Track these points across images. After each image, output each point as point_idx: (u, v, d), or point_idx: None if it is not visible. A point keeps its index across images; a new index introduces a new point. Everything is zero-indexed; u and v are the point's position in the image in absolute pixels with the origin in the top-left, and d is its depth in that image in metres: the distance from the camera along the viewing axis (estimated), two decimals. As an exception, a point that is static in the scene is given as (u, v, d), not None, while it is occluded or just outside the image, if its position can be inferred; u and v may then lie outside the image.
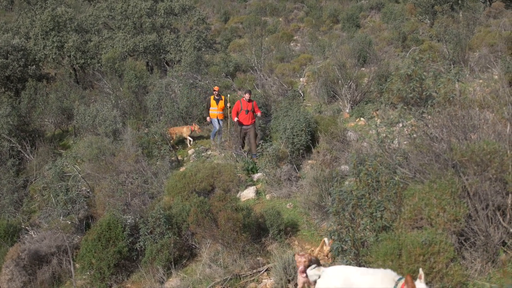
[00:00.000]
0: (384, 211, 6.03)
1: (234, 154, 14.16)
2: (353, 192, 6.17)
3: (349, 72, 17.17)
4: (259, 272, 8.60)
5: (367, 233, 6.12)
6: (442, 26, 24.39)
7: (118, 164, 13.47)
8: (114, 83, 21.55)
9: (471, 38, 20.68)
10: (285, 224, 9.71)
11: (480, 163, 5.87)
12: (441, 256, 5.33)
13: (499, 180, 5.88)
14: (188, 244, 9.73)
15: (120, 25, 27.13)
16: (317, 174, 10.83)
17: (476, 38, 20.65)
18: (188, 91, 18.06)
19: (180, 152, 16.14)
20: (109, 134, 16.64)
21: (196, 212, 8.98)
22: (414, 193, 6.07)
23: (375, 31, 30.52)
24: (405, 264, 5.43)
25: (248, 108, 14.20)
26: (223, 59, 24.26)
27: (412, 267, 5.43)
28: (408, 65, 7.10)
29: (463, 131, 6.82)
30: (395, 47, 24.67)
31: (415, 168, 6.92)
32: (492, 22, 26.09)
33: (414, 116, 6.94)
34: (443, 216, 5.60)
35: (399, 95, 7.01)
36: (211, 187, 11.86)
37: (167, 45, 26.67)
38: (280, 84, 19.45)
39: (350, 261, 6.04)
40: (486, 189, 5.80)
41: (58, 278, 10.11)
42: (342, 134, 13.34)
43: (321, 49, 25.02)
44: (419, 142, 6.99)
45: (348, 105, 16.50)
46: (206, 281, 8.47)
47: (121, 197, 11.40)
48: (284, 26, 39.12)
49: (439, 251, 5.32)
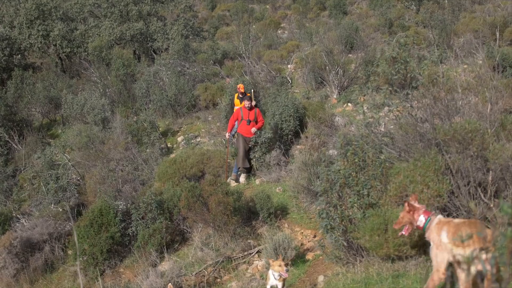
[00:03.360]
0: (370, 189, 6.22)
1: (223, 140, 14.27)
2: (340, 171, 6.35)
3: (337, 59, 17.34)
4: (250, 254, 8.79)
5: (354, 210, 6.30)
6: (428, 12, 24.62)
7: (108, 152, 13.57)
8: (101, 71, 21.54)
9: (456, 24, 20.89)
10: (275, 208, 9.88)
11: (462, 142, 6.06)
12: (425, 230, 5.52)
13: (480, 157, 6.07)
14: (179, 228, 9.89)
15: (106, 13, 27.02)
16: (305, 158, 11.01)
17: (461, 24, 20.84)
18: (177, 79, 18.14)
19: (170, 140, 16.24)
20: (98, 122, 16.70)
21: (187, 197, 9.12)
22: (399, 171, 6.26)
23: (362, 17, 30.66)
24: (391, 238, 5.64)
25: (250, 117, 11.99)
26: (211, 47, 24.32)
27: (398, 241, 5.63)
28: (393, 48, 7.25)
29: (447, 113, 7.01)
30: (381, 33, 24.84)
31: (400, 148, 7.12)
32: (476, 8, 26.30)
33: (399, 97, 7.11)
34: (427, 192, 5.80)
35: (385, 77, 7.17)
36: (201, 172, 12.01)
37: (154, 33, 26.63)
38: (268, 71, 19.57)
39: (338, 238, 6.23)
40: (467, 166, 5.99)
41: (51, 265, 10.23)
42: (330, 119, 13.51)
43: (308, 36, 25.11)
44: (404, 122, 7.17)
45: (336, 90, 16.67)
46: (198, 264, 8.63)
47: (112, 184, 11.51)
48: (271, 14, 39.15)
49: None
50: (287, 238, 8.07)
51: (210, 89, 18.02)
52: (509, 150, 6.04)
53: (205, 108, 17.85)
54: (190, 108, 17.86)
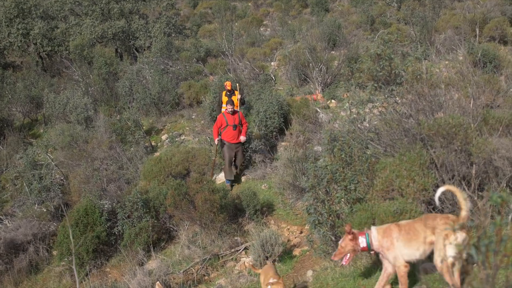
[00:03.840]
0: (357, 184, 6.30)
1: (208, 138, 14.25)
2: (327, 167, 6.41)
3: (320, 56, 17.39)
4: (237, 251, 8.83)
5: (342, 205, 6.39)
6: (409, 9, 24.86)
7: (92, 151, 13.48)
8: (83, 70, 21.34)
9: (437, 21, 21.11)
10: (261, 204, 9.95)
11: (446, 136, 6.16)
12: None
13: (464, 151, 6.19)
14: (166, 226, 9.88)
15: (87, 11, 26.73)
16: (290, 155, 11.08)
17: (442, 21, 21.07)
18: (160, 77, 18.06)
19: (154, 138, 16.19)
20: (81, 121, 16.57)
21: (173, 195, 9.12)
22: (386, 166, 6.35)
23: (344, 15, 30.78)
24: (378, 232, 5.71)
25: (235, 122, 11.42)
26: (194, 45, 24.25)
27: (385, 235, 5.71)
28: (378, 45, 7.33)
29: (430, 108, 7.11)
30: (363, 30, 24.99)
31: (386, 143, 7.21)
32: (456, 5, 26.59)
33: (384, 93, 7.19)
34: (413, 186, 5.89)
35: (369, 74, 7.25)
36: (187, 171, 12.01)
37: (136, 31, 26.44)
38: (251, 69, 19.58)
39: (326, 233, 6.29)
40: (452, 160, 6.10)
41: (36, 266, 10.13)
42: (314, 116, 13.58)
43: (291, 33, 25.17)
44: (389, 118, 7.26)
45: (319, 87, 16.74)
46: (185, 261, 8.64)
47: (96, 183, 11.44)
48: (253, 11, 39.15)
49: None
50: (274, 235, 8.13)
51: (193, 87, 17.96)
52: (491, 144, 6.16)
53: (189, 106, 17.80)
54: (173, 106, 17.79)
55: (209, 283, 7.93)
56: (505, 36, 18.52)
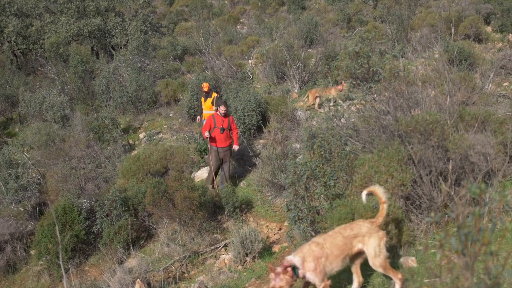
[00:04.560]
0: (337, 180, 6.37)
1: (186, 136, 14.24)
2: (307, 163, 6.47)
3: (297, 53, 17.49)
4: (217, 248, 8.84)
5: (321, 201, 6.46)
6: (385, 7, 25.09)
7: (69, 150, 13.36)
8: (59, 68, 21.10)
9: (413, 19, 21.38)
10: (240, 202, 9.97)
11: (423, 132, 6.27)
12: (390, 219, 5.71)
13: (441, 147, 6.30)
14: (145, 225, 9.85)
15: (62, 9, 26.44)
16: (269, 152, 11.14)
17: (418, 19, 21.36)
18: (137, 75, 17.98)
19: (131, 136, 16.10)
20: (57, 120, 16.41)
21: (152, 193, 9.09)
22: (364, 162, 6.43)
23: (321, 13, 30.98)
24: (357, 227, 5.79)
25: (224, 125, 10.95)
26: (171, 43, 24.15)
27: (364, 230, 5.79)
28: (356, 43, 7.41)
29: (408, 105, 7.23)
30: (340, 28, 25.18)
31: (364, 140, 7.31)
32: (432, 3, 26.94)
33: (362, 91, 7.28)
34: (391, 182, 5.98)
35: (348, 71, 7.33)
36: (165, 169, 11.98)
37: (113, 29, 26.25)
38: (229, 67, 19.60)
39: (306, 229, 6.35)
40: (429, 156, 6.21)
41: (13, 266, 10.03)
42: (291, 114, 13.65)
43: (268, 31, 25.24)
44: (367, 115, 7.36)
45: (297, 85, 16.84)
46: (165, 259, 8.62)
47: (74, 182, 11.35)
48: (230, 9, 39.12)
49: (388, 214, 5.69)
50: (253, 232, 8.16)
51: (171, 85, 17.92)
52: (467, 140, 6.29)
53: (166, 104, 17.75)
54: (151, 104, 17.73)
55: (189, 281, 7.93)
56: (480, 34, 18.82)
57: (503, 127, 7.16)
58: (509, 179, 6.99)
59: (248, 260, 7.96)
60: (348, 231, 4.94)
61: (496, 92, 12.21)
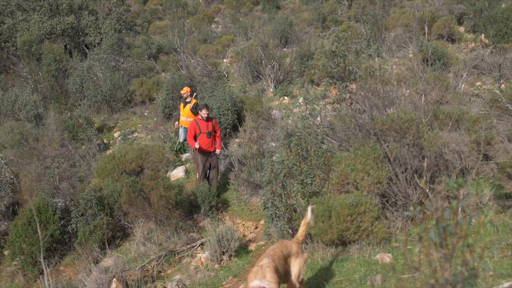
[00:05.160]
0: (313, 178, 6.42)
1: (161, 135, 14.17)
2: (284, 162, 6.50)
3: (272, 53, 17.52)
4: (193, 247, 8.83)
5: (298, 199, 6.50)
6: (360, 7, 25.29)
7: (43, 149, 13.16)
8: (32, 67, 20.75)
9: (387, 19, 21.57)
10: (216, 201, 9.97)
11: (399, 131, 6.36)
12: (366, 216, 5.78)
13: (416, 145, 6.41)
14: (121, 224, 9.78)
15: (35, 6, 25.99)
16: (244, 151, 11.16)
17: (392, 19, 21.55)
18: (111, 74, 17.80)
19: (106, 136, 15.95)
20: (30, 119, 16.16)
21: (128, 192, 9.05)
22: (341, 160, 6.50)
23: (295, 12, 31.05)
24: (334, 224, 5.85)
25: (209, 129, 10.53)
26: (145, 41, 23.96)
27: (341, 227, 5.85)
28: (332, 42, 7.47)
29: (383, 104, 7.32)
30: (315, 28, 25.28)
31: (340, 138, 7.38)
32: (406, 3, 27.19)
33: (338, 89, 7.34)
34: (368, 179, 6.06)
35: (324, 70, 7.38)
36: (140, 168, 11.90)
37: (86, 27, 25.91)
38: (204, 66, 19.53)
39: (283, 226, 6.38)
40: (404, 154, 6.31)
41: (-15, 267, 9.86)
42: (267, 113, 13.69)
43: (243, 30, 25.23)
44: (343, 114, 7.43)
45: (272, 84, 16.88)
46: (141, 258, 8.58)
47: (48, 181, 11.20)
48: (204, 8, 38.96)
49: (365, 211, 5.77)
50: (230, 230, 8.17)
51: (145, 84, 17.79)
52: (442, 138, 6.40)
53: (141, 103, 17.62)
54: (125, 103, 17.58)
55: (165, 279, 7.90)
56: (453, 34, 19.09)
57: (476, 126, 7.31)
58: (483, 177, 7.13)
59: (225, 258, 7.97)
60: (284, 250, 4.82)
61: (469, 91, 12.44)
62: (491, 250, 5.39)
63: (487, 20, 17.97)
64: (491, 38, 16.96)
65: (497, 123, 8.26)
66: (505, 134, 7.18)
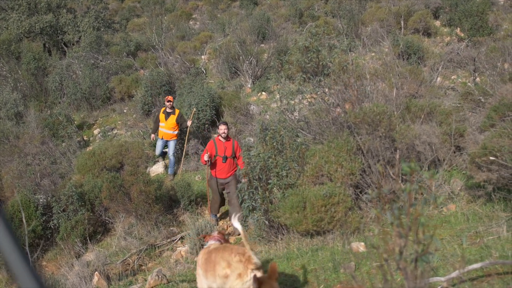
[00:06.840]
0: (289, 170, 6.59)
1: (141, 131, 14.23)
2: (260, 155, 6.66)
3: (250, 49, 17.65)
4: (173, 241, 8.95)
5: (274, 191, 6.66)
6: (336, 2, 25.47)
7: (24, 146, 13.19)
8: (11, 65, 20.62)
9: (363, 14, 21.81)
10: (195, 195, 10.10)
11: (371, 123, 6.56)
12: (340, 206, 5.97)
13: (388, 137, 6.61)
14: (101, 219, 9.86)
15: (13, 5, 25.79)
16: (223, 146, 11.27)
17: (368, 14, 21.76)
18: (90, 72, 17.80)
19: (86, 133, 15.96)
20: (11, 117, 16.13)
21: (108, 188, 9.15)
22: (315, 153, 6.68)
23: (273, 8, 31.12)
24: (309, 214, 6.03)
25: (227, 153, 8.62)
26: (123, 39, 23.91)
27: (316, 217, 6.03)
28: (306, 38, 7.64)
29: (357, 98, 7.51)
30: (292, 24, 25.41)
31: (315, 131, 7.57)
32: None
33: (312, 84, 7.52)
34: (341, 171, 6.25)
35: (298, 65, 7.55)
36: (120, 164, 12.00)
37: (65, 25, 25.77)
38: (182, 62, 19.58)
39: (260, 218, 6.55)
40: (377, 146, 6.51)
41: (-35, 265, 9.84)
42: (245, 108, 13.84)
43: (221, 26, 25.29)
44: (317, 108, 7.61)
45: (250, 80, 17.01)
46: (122, 253, 8.67)
47: (30, 178, 11.25)
48: (182, 5, 38.84)
49: (339, 202, 5.95)
50: (209, 224, 8.33)
51: (124, 81, 17.81)
52: (414, 130, 6.61)
53: (120, 100, 17.64)
54: (105, 100, 17.58)
55: (146, 273, 8.01)
56: (429, 28, 19.34)
57: (449, 118, 7.54)
58: (455, 168, 7.36)
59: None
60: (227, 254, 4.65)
61: (444, 85, 12.69)
62: (460, 238, 5.60)
63: (462, 14, 18.25)
64: (466, 32, 17.24)
65: (470, 115, 8.53)
66: (477, 126, 7.43)
